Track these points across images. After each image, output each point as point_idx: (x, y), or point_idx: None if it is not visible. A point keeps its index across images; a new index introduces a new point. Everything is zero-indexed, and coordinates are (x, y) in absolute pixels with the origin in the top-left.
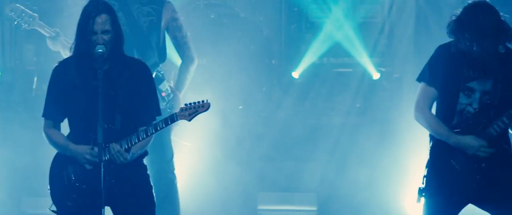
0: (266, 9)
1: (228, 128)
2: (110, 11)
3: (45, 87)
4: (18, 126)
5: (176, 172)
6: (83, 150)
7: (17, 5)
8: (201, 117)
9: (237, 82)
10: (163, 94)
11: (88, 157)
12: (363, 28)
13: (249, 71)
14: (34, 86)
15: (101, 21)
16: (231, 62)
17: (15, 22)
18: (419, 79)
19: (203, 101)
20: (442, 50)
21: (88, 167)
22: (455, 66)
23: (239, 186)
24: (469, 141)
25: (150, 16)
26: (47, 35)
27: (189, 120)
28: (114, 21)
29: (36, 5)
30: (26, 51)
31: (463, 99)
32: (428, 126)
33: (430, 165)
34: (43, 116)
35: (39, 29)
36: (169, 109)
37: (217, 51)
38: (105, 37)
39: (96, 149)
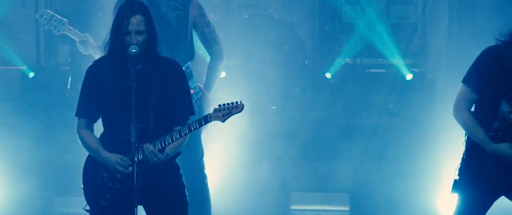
0: (299, 10)
1: (261, 128)
2: (145, 11)
3: (79, 87)
4: (51, 126)
5: (208, 171)
6: (114, 159)
7: (47, 10)
8: (234, 116)
9: (270, 82)
10: (192, 91)
11: (118, 167)
12: (396, 29)
13: (282, 71)
14: (68, 87)
15: (136, 21)
16: (264, 63)
17: (45, 28)
18: (465, 81)
19: (237, 102)
20: (489, 54)
21: (119, 176)
22: (503, 74)
23: (272, 186)
24: (505, 149)
25: (178, 10)
26: (77, 39)
27: (223, 121)
28: (149, 22)
29: (70, 6)
30: (60, 52)
31: (505, 107)
32: (466, 128)
33: (465, 160)
34: (76, 115)
35: (68, 34)
36: (198, 107)
37: (250, 52)
38: (139, 37)
39: (126, 159)
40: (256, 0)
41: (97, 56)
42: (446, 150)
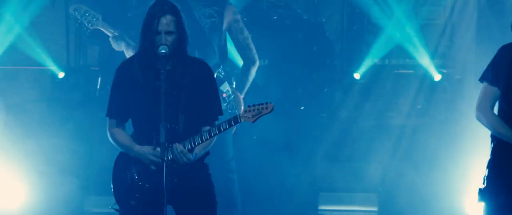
0: (328, 10)
1: (289, 128)
2: (175, 12)
3: (109, 87)
4: (81, 126)
5: (237, 171)
6: (147, 150)
7: (81, 5)
8: (262, 117)
9: (298, 83)
10: (224, 95)
11: (151, 157)
12: (425, 30)
13: (310, 72)
14: (98, 87)
15: (166, 22)
16: (293, 63)
17: (79, 22)
18: (482, 79)
19: (266, 103)
20: (506, 50)
21: (152, 167)
22: None
23: (300, 186)
24: None
25: (212, 18)
26: (110, 35)
27: (253, 122)
28: (179, 22)
29: (100, 6)
30: (90, 52)
31: None
32: (490, 126)
33: (492, 165)
34: (107, 115)
35: (102, 29)
36: (230, 110)
37: (279, 52)
38: (169, 38)
39: (158, 149)
40: (285, 1)
41: (129, 53)
42: (474, 151)
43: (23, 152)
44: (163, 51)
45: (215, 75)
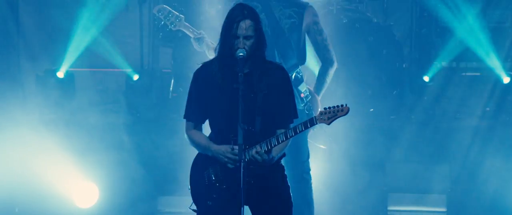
0: (397, 14)
1: (360, 130)
2: (254, 16)
3: (181, 89)
4: (154, 127)
5: (311, 172)
6: (225, 149)
7: (164, 6)
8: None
9: (368, 85)
10: (302, 95)
11: (229, 156)
12: (494, 33)
13: (380, 74)
14: (171, 89)
15: (245, 26)
16: (363, 66)
17: (162, 23)
18: None
19: (342, 105)
20: None
21: (230, 166)
22: None
23: (370, 187)
24: None
25: (292, 18)
26: (192, 36)
27: (328, 124)
28: (258, 26)
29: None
30: (163, 55)
31: None
32: None
33: None
34: (185, 117)
35: (184, 30)
36: (307, 111)
37: (349, 55)
38: (247, 42)
39: (236, 148)
40: (355, 5)
41: (210, 53)
42: None
43: (98, 153)
44: (241, 54)
45: (293, 76)
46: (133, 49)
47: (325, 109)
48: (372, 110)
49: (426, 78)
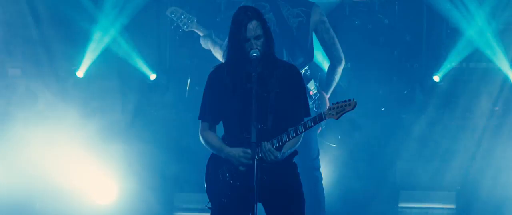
0: (408, 15)
1: (371, 129)
2: (259, 16)
3: (198, 89)
4: (171, 126)
5: (321, 170)
6: (237, 152)
7: (177, 8)
8: (345, 117)
9: (380, 85)
10: (311, 93)
11: (242, 159)
12: (504, 34)
13: (391, 74)
14: (187, 88)
15: (253, 27)
16: (374, 66)
17: (175, 24)
18: None
19: (349, 100)
20: None
21: (241, 169)
22: None
23: (381, 184)
24: None
25: (300, 17)
26: (201, 35)
27: (337, 119)
28: (264, 25)
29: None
30: (180, 55)
31: None
32: None
33: None
34: (200, 118)
35: (196, 31)
36: (316, 108)
37: (361, 55)
38: (258, 42)
39: (249, 151)
40: (367, 7)
41: (216, 51)
42: None
43: (115, 150)
44: (255, 54)
45: (301, 73)
46: (150, 49)
47: (333, 104)
48: (383, 109)
49: (436, 78)
